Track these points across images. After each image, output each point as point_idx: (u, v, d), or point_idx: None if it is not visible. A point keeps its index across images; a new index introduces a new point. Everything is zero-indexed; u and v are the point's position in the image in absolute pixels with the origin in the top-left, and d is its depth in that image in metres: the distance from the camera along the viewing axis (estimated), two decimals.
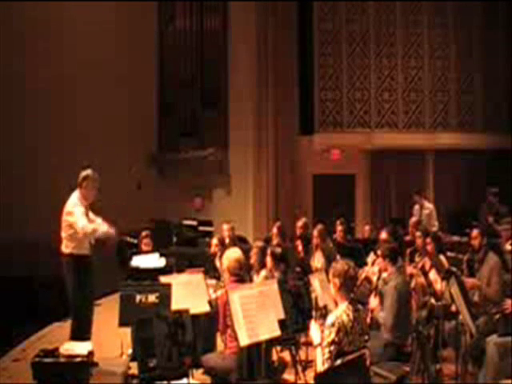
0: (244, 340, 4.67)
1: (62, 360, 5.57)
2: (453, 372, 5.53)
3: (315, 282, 5.96)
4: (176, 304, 5.41)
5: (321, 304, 5.76)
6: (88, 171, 6.56)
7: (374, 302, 5.78)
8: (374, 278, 6.36)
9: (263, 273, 6.68)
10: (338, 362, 4.03)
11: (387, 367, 5.06)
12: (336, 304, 4.50)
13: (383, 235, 8.14)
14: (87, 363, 5.65)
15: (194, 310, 5.29)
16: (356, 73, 13.45)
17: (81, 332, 6.37)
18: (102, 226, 6.53)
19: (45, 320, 8.41)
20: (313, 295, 5.92)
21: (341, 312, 4.26)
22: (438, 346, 5.56)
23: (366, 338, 4.39)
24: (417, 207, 11.15)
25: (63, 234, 6.52)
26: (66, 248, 6.50)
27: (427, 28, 13.39)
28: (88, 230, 6.36)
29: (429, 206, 11.20)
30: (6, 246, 10.38)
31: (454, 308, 5.53)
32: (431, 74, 13.41)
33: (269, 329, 4.84)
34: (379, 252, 6.09)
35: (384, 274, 6.06)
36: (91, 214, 6.65)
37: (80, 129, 12.35)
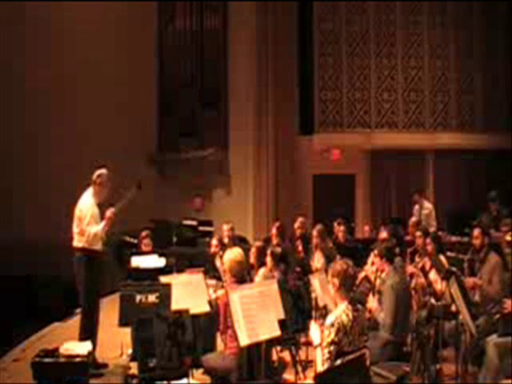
0: (244, 340, 4.66)
1: (62, 360, 5.58)
2: (453, 372, 5.53)
3: (315, 281, 5.96)
4: (176, 304, 5.41)
5: (321, 304, 5.77)
6: (102, 170, 6.68)
7: (372, 302, 5.77)
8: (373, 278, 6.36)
9: (262, 270, 6.68)
10: (338, 361, 4.02)
11: (387, 367, 5.05)
12: (336, 304, 4.50)
13: (383, 235, 8.14)
14: (87, 363, 5.65)
15: (193, 310, 5.29)
16: (356, 73, 13.46)
17: (90, 330, 6.37)
18: (102, 224, 6.52)
19: (45, 320, 8.40)
20: (313, 295, 5.93)
21: (340, 312, 4.25)
22: (438, 346, 5.55)
23: (365, 338, 4.39)
24: (417, 207, 11.14)
25: (75, 229, 6.52)
26: (78, 242, 6.48)
27: (427, 28, 13.40)
28: (98, 234, 6.45)
29: (428, 206, 11.18)
30: (6, 246, 10.38)
31: (454, 308, 5.53)
32: (431, 74, 13.42)
33: (269, 329, 4.83)
34: (376, 252, 6.08)
35: (383, 274, 6.05)
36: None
37: (80, 129, 12.33)
